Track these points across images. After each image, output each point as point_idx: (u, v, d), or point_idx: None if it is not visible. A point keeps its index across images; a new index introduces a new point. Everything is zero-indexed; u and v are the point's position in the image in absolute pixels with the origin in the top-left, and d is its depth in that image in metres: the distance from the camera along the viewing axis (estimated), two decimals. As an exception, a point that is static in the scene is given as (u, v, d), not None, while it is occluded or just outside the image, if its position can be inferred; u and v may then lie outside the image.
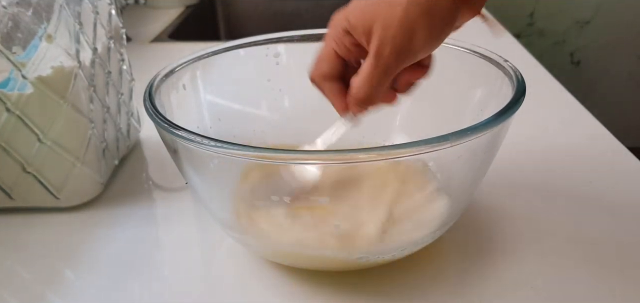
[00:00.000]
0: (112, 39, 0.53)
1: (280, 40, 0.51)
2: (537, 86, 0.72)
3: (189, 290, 0.40)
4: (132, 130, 0.58)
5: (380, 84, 0.35)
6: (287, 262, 0.41)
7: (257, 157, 0.34)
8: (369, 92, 0.36)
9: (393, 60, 0.34)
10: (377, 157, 0.34)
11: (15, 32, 0.43)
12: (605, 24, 1.74)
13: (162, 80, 0.43)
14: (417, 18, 0.32)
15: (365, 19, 0.34)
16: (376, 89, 0.35)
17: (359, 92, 0.36)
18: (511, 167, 0.52)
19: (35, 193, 0.47)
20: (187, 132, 0.34)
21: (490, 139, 0.36)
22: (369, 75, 0.35)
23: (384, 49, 0.33)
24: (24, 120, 0.45)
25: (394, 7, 0.32)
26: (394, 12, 0.32)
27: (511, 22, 1.36)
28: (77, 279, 0.42)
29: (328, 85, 0.38)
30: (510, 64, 0.42)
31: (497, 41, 0.93)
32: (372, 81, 0.35)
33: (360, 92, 0.36)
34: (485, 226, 0.45)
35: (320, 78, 0.38)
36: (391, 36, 0.33)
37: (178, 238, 0.46)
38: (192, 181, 0.40)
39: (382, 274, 0.40)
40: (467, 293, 0.39)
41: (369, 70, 0.34)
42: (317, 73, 0.38)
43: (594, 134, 0.60)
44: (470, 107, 0.45)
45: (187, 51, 0.47)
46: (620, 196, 0.49)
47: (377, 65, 0.34)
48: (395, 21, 0.32)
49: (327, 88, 0.39)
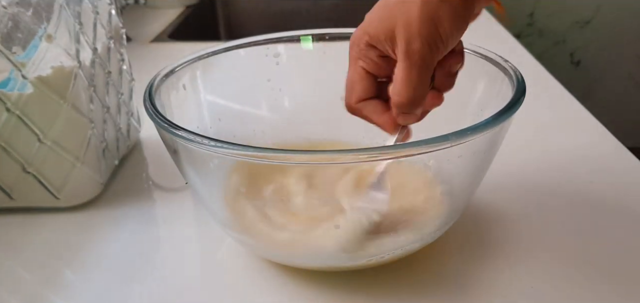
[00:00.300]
0: (112, 39, 0.53)
1: (280, 40, 0.51)
2: (537, 86, 0.72)
3: (189, 290, 0.40)
4: (132, 130, 0.58)
5: (420, 81, 0.34)
6: (286, 262, 0.41)
7: (257, 157, 0.34)
8: (410, 94, 0.34)
9: (427, 53, 0.33)
10: (376, 157, 0.34)
11: (15, 32, 0.43)
12: (605, 24, 1.74)
13: (162, 80, 0.43)
14: (437, 7, 0.32)
15: (385, 26, 0.33)
16: (417, 89, 0.34)
17: (400, 97, 0.34)
18: (511, 167, 0.52)
19: (35, 193, 0.47)
20: (187, 132, 0.34)
21: (490, 139, 0.36)
22: (407, 77, 0.33)
23: (413, 46, 0.32)
24: (24, 120, 0.45)
25: (411, 5, 0.32)
26: (412, 9, 0.32)
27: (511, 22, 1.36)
28: (77, 279, 0.42)
29: (368, 107, 0.37)
30: (510, 64, 0.42)
31: (497, 41, 0.93)
32: (411, 81, 0.34)
33: (401, 96, 0.34)
34: (485, 226, 0.45)
35: (356, 101, 0.37)
36: (416, 32, 0.32)
37: (178, 238, 0.46)
38: (192, 181, 0.40)
39: (382, 274, 0.40)
40: (467, 292, 0.39)
41: (404, 71, 0.33)
42: (353, 99, 0.37)
43: (594, 133, 0.60)
44: (470, 107, 0.45)
45: (187, 51, 0.47)
46: (620, 196, 0.49)
47: (410, 63, 0.33)
48: (415, 17, 0.32)
49: (368, 110, 0.37)
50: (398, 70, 0.34)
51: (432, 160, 0.43)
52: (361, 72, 0.36)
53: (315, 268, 0.40)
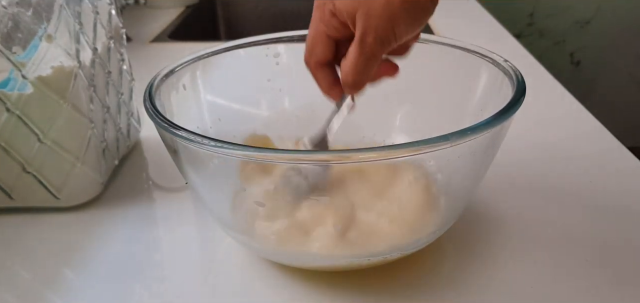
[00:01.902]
0: (112, 39, 0.53)
1: (280, 40, 0.51)
2: (537, 86, 0.72)
3: (188, 290, 0.40)
4: (132, 130, 0.58)
5: (366, 68, 0.36)
6: (286, 262, 0.41)
7: (257, 157, 0.34)
8: (356, 78, 0.37)
9: (377, 48, 0.35)
10: (377, 157, 0.34)
11: (15, 32, 0.43)
12: (605, 24, 1.74)
13: (162, 80, 0.43)
14: (398, 9, 0.33)
15: (349, 5, 0.35)
16: (363, 74, 0.37)
17: (347, 78, 0.37)
18: (511, 167, 0.52)
19: (35, 193, 0.47)
20: (187, 132, 0.34)
21: (490, 139, 0.36)
22: (355, 62, 0.36)
23: (367, 37, 0.34)
24: (24, 120, 0.45)
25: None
26: (375, 3, 0.33)
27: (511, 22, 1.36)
28: (77, 279, 0.42)
29: (322, 72, 0.39)
30: (510, 64, 0.42)
31: (497, 41, 0.93)
32: (358, 67, 0.36)
33: (348, 77, 0.37)
34: (485, 226, 0.45)
35: (315, 64, 0.39)
36: (374, 26, 0.34)
37: (178, 238, 0.46)
38: (192, 181, 0.40)
39: (382, 274, 0.40)
40: (466, 292, 0.39)
41: (354, 56, 0.36)
42: (312, 59, 0.39)
43: (594, 133, 0.60)
44: (470, 107, 0.45)
45: (187, 51, 0.47)
46: (620, 196, 0.49)
47: (361, 52, 0.35)
48: (377, 11, 0.33)
49: (321, 75, 0.40)
50: (350, 50, 0.36)
51: (432, 160, 0.43)
52: (323, 36, 0.38)
53: (315, 268, 0.40)
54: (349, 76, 0.37)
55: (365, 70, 0.36)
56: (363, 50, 0.35)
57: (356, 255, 0.38)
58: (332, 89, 0.40)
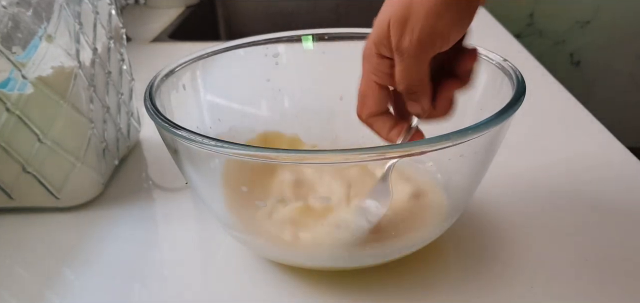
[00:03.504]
0: (112, 39, 0.53)
1: (280, 40, 0.51)
2: (537, 86, 0.72)
3: (189, 290, 0.40)
4: (132, 130, 0.58)
5: (410, 72, 0.34)
6: (287, 262, 0.41)
7: (257, 156, 0.34)
8: (407, 83, 0.35)
9: (415, 48, 0.33)
10: (377, 157, 0.34)
11: (15, 32, 0.43)
12: (605, 24, 1.74)
13: (162, 80, 0.43)
14: (436, 5, 0.32)
15: (381, 25, 0.34)
16: (409, 79, 0.35)
17: (399, 86, 0.36)
18: (511, 166, 0.52)
19: (35, 194, 0.47)
20: (188, 131, 0.34)
21: (490, 139, 0.36)
22: (397, 69, 0.35)
23: (403, 41, 0.33)
24: (24, 120, 0.45)
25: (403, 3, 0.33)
26: (416, 4, 0.32)
27: (511, 22, 1.36)
28: (77, 279, 0.42)
29: (378, 123, 0.38)
30: (510, 63, 0.42)
31: (497, 41, 0.93)
32: (401, 73, 0.35)
33: (400, 85, 0.35)
34: (485, 225, 0.45)
35: (368, 117, 0.38)
36: (410, 28, 0.33)
37: (178, 238, 0.46)
38: (193, 181, 0.40)
39: (382, 274, 0.40)
40: (466, 292, 0.39)
41: (396, 65, 0.34)
42: (364, 112, 0.38)
43: (594, 133, 0.60)
44: (470, 107, 0.45)
45: (187, 51, 0.47)
46: (620, 196, 0.49)
47: (400, 59, 0.34)
48: (418, 11, 0.32)
49: (377, 125, 0.38)
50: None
51: (432, 160, 0.43)
52: (373, 86, 0.37)
53: (315, 268, 0.40)
54: (400, 84, 0.35)
55: (410, 74, 0.34)
56: (401, 57, 0.34)
57: (356, 254, 0.38)
58: (391, 132, 0.38)
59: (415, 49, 0.33)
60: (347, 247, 0.38)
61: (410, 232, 0.39)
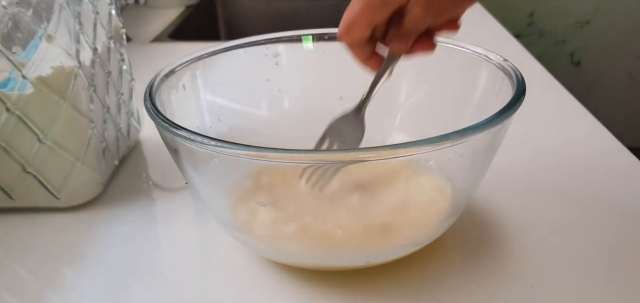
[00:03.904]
0: (112, 39, 0.53)
1: (280, 40, 0.51)
2: (537, 86, 0.72)
3: (189, 290, 0.40)
4: (132, 130, 0.58)
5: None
6: (287, 262, 0.41)
7: (258, 156, 0.34)
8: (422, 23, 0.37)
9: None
10: (377, 156, 0.34)
11: (15, 32, 0.43)
12: (605, 24, 1.74)
13: (162, 80, 0.43)
14: None
15: None
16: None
17: (414, 24, 0.37)
18: (511, 166, 0.52)
19: (35, 193, 0.47)
20: (188, 131, 0.34)
21: (490, 138, 0.36)
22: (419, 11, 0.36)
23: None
24: (24, 120, 0.45)
25: None
26: None
27: (511, 22, 1.36)
28: (77, 279, 0.42)
29: (358, 49, 0.39)
30: (510, 63, 0.42)
31: (497, 41, 0.93)
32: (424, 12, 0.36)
33: (415, 24, 0.37)
34: (485, 225, 0.45)
35: (351, 43, 0.39)
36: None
37: (178, 238, 0.46)
38: (193, 181, 0.40)
39: (382, 274, 0.40)
40: (466, 292, 0.39)
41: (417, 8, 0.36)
42: (349, 39, 0.39)
43: (594, 133, 0.60)
44: (470, 107, 0.45)
45: (187, 51, 0.47)
46: (620, 196, 0.49)
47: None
48: None
49: (357, 51, 0.40)
50: None
51: (432, 159, 0.43)
52: (365, 22, 0.38)
53: (316, 267, 0.40)
54: (413, 24, 0.37)
55: (425, 18, 0.36)
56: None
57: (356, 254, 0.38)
58: (369, 60, 0.40)
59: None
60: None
61: (411, 232, 0.39)
